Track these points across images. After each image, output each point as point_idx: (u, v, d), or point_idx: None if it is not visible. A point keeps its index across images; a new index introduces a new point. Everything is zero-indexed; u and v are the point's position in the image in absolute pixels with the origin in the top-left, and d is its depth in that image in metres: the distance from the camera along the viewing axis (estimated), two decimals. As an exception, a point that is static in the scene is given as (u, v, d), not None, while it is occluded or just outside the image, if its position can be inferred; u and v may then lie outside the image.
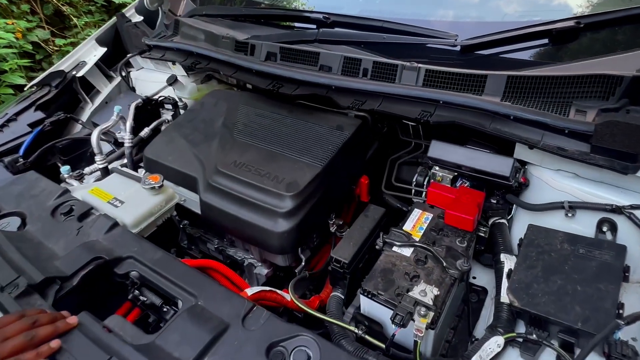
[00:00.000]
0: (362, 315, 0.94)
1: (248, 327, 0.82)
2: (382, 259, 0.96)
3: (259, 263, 1.26)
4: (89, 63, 1.90)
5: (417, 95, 1.12)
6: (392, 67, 1.19)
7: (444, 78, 1.12)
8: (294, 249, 1.12)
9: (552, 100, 1.01)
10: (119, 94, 1.97)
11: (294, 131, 1.31)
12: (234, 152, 1.26)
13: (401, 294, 0.86)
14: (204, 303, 0.87)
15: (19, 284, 0.89)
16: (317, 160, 1.18)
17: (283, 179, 1.13)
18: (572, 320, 0.81)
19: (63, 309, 0.91)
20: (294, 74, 1.32)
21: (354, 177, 1.32)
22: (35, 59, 3.78)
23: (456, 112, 1.09)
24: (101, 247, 1.03)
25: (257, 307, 0.86)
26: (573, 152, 0.95)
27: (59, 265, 0.97)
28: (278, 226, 1.07)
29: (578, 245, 0.94)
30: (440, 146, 1.13)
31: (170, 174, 1.29)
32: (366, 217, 1.13)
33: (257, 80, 1.44)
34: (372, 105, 1.21)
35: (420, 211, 1.09)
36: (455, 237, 1.00)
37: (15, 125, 1.61)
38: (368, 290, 0.89)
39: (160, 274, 0.96)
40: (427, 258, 0.95)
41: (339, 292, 1.06)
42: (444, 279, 0.90)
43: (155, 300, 0.95)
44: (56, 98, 1.79)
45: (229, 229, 1.19)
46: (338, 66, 1.28)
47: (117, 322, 0.86)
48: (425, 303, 0.81)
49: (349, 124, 1.31)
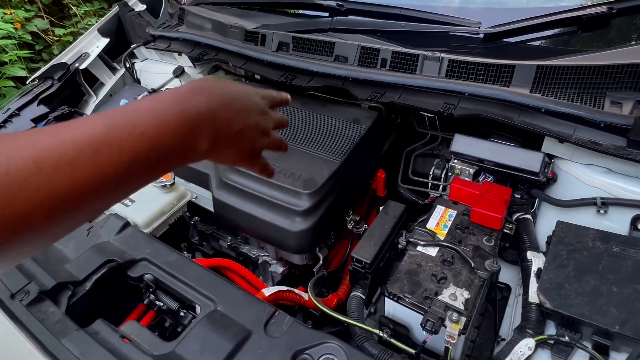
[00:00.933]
0: (386, 318, 0.91)
1: (271, 334, 0.79)
2: (406, 259, 0.93)
3: (274, 261, 1.23)
4: (91, 55, 1.84)
5: (441, 87, 1.06)
6: (412, 57, 1.13)
7: (468, 68, 1.06)
8: (311, 248, 1.08)
9: (584, 91, 0.96)
10: (123, 86, 1.91)
11: (308, 125, 1.26)
12: (246, 148, 1.21)
13: (429, 297, 0.83)
14: (224, 308, 0.84)
15: (29, 290, 0.85)
16: (335, 155, 1.13)
17: (300, 176, 1.09)
18: (608, 323, 0.77)
19: (76, 313, 0.88)
20: (308, 65, 1.26)
21: (371, 171, 1.28)
22: (35, 49, 3.71)
23: (482, 104, 1.04)
24: (113, 249, 0.99)
25: (280, 312, 0.83)
26: (608, 146, 0.90)
27: (71, 269, 0.94)
28: (295, 225, 1.03)
29: (611, 243, 0.90)
30: (464, 140, 1.08)
31: (181, 170, 1.25)
32: (386, 214, 1.09)
33: (269, 72, 1.38)
34: (392, 97, 1.15)
35: (444, 208, 1.05)
36: (482, 235, 0.96)
37: (18, 120, 1.56)
38: (394, 293, 0.85)
39: (175, 277, 0.92)
40: (454, 258, 0.91)
41: (359, 292, 1.03)
42: (473, 280, 0.86)
43: (172, 304, 0.91)
44: (59, 91, 1.73)
45: (243, 227, 1.15)
46: (354, 56, 1.22)
47: (134, 329, 0.83)
48: (456, 308, 0.77)
49: (365, 117, 1.26)
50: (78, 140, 0.38)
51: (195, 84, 0.50)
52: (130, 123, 0.42)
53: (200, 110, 0.48)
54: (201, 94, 0.50)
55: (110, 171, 0.39)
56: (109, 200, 0.43)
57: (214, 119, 0.50)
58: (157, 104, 0.46)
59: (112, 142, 0.40)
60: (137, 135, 0.42)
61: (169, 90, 0.49)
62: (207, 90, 0.51)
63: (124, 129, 0.41)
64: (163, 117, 0.45)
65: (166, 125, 0.45)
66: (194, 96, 0.49)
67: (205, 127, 0.49)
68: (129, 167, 0.41)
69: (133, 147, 0.41)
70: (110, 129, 0.40)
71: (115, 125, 0.41)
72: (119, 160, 0.40)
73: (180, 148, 0.46)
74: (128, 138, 0.41)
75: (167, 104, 0.46)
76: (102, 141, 0.39)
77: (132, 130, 0.42)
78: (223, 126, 0.52)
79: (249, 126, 0.56)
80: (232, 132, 0.53)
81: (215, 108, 0.50)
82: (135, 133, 0.42)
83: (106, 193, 0.40)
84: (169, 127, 0.45)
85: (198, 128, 0.48)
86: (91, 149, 0.38)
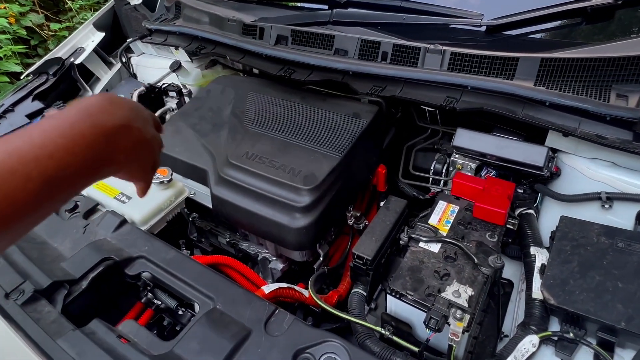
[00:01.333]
0: (388, 316, 0.90)
1: (271, 333, 0.77)
2: (408, 256, 0.91)
3: (273, 257, 1.21)
4: (87, 49, 1.81)
5: (443, 81, 1.04)
6: (414, 50, 1.11)
7: (471, 61, 1.04)
8: (312, 244, 1.07)
9: (589, 84, 0.94)
10: (119, 81, 1.89)
11: (307, 119, 1.24)
12: (245, 143, 1.19)
13: (432, 294, 0.81)
14: (223, 307, 0.82)
15: (24, 289, 0.84)
16: (335, 150, 1.11)
17: (299, 172, 1.07)
18: (614, 320, 0.76)
19: (72, 312, 0.86)
20: (307, 59, 1.24)
21: (371, 166, 1.26)
22: (30, 44, 3.66)
23: (484, 98, 1.02)
24: (110, 246, 0.98)
25: (280, 310, 0.82)
26: (614, 140, 0.89)
27: (66, 268, 0.92)
28: (295, 222, 1.02)
29: (616, 238, 0.88)
30: (467, 134, 1.07)
31: (178, 166, 1.23)
32: (387, 209, 1.08)
33: (267, 66, 1.36)
34: (393, 91, 1.13)
35: (446, 203, 1.03)
36: (485, 231, 0.95)
37: (12, 116, 1.54)
38: (396, 290, 0.84)
39: (173, 274, 0.91)
40: (457, 254, 0.90)
41: (360, 289, 1.01)
42: (477, 277, 0.85)
43: (170, 303, 0.90)
44: (54, 87, 1.71)
45: (242, 223, 1.14)
46: (355, 50, 1.20)
47: (131, 329, 0.81)
48: (460, 305, 0.76)
49: (365, 111, 1.24)
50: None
51: (98, 99, 0.49)
52: (35, 146, 0.40)
53: (116, 123, 0.48)
54: (117, 107, 0.49)
55: (20, 198, 0.38)
56: (26, 225, 0.41)
57: (130, 129, 0.50)
58: (64, 121, 0.44)
59: (16, 168, 0.38)
60: (44, 158, 0.40)
61: (73, 107, 0.47)
62: (119, 103, 0.50)
63: (30, 153, 0.39)
64: (75, 133, 0.43)
65: (79, 140, 0.43)
66: (109, 109, 0.48)
67: (123, 138, 0.49)
68: (40, 191, 0.39)
69: (42, 170, 0.39)
70: (12, 155, 0.38)
71: (18, 151, 0.39)
72: (27, 186, 0.38)
73: (94, 162, 0.45)
74: (34, 161, 0.39)
75: (78, 118, 0.45)
76: (5, 169, 0.37)
77: (38, 153, 0.40)
78: (137, 137, 0.51)
79: (154, 137, 0.56)
80: (144, 143, 0.53)
81: (131, 119, 0.50)
82: (43, 156, 0.40)
83: (21, 219, 0.39)
84: (82, 142, 0.43)
85: (115, 140, 0.48)
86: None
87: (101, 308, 0.97)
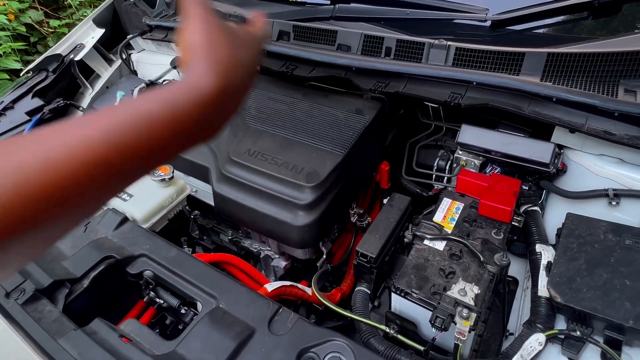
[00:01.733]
0: (393, 314, 0.89)
1: (275, 332, 0.76)
2: (413, 253, 0.90)
3: (276, 255, 1.20)
4: (86, 46, 1.80)
5: (448, 76, 1.03)
6: (418, 46, 1.10)
7: (476, 56, 1.03)
8: (315, 242, 1.06)
9: (597, 79, 0.93)
10: (120, 78, 1.87)
11: (310, 116, 1.23)
12: (247, 140, 1.18)
13: (438, 292, 0.80)
14: (226, 306, 0.82)
15: (25, 288, 0.83)
16: (338, 147, 1.10)
17: (302, 169, 1.06)
18: (622, 318, 0.75)
19: (74, 311, 0.85)
20: (309, 55, 1.22)
21: (374, 163, 1.25)
22: (29, 41, 3.65)
23: (490, 93, 1.01)
24: (111, 244, 0.97)
25: (284, 309, 0.81)
26: (622, 136, 0.87)
27: (68, 266, 0.91)
28: (298, 219, 1.01)
29: (624, 235, 0.87)
30: (471, 131, 1.05)
31: (180, 164, 1.22)
32: (391, 207, 1.06)
33: (269, 62, 1.34)
34: (397, 87, 1.12)
35: (450, 200, 1.02)
36: (491, 228, 0.94)
37: (12, 113, 1.52)
38: (401, 288, 0.83)
39: (176, 273, 0.90)
40: (462, 252, 0.89)
41: (364, 287, 1.01)
42: (482, 274, 0.84)
43: (172, 301, 0.89)
44: (54, 84, 1.69)
45: (244, 221, 1.13)
46: (358, 45, 1.19)
47: (133, 328, 0.81)
48: (466, 303, 0.75)
49: (369, 107, 1.23)
50: None
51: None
52: None
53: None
54: None
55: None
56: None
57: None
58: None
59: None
60: None
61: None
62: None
63: None
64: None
65: None
66: None
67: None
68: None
69: None
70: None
71: None
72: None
73: None
74: None
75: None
76: None
77: None
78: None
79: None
80: None
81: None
82: None
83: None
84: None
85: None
86: None
87: (103, 307, 0.96)
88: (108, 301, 0.97)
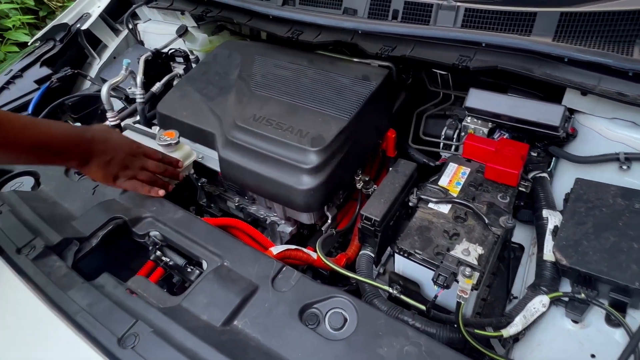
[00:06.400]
0: (396, 275, 0.89)
1: (278, 289, 0.77)
2: (417, 216, 0.90)
3: (282, 221, 1.21)
4: (93, 15, 1.79)
5: (457, 38, 1.00)
6: (426, 7, 1.07)
7: (486, 17, 1.00)
8: (320, 206, 1.06)
9: (611, 39, 0.89)
10: (127, 47, 1.87)
11: (315, 82, 1.21)
12: (252, 106, 1.17)
13: (441, 253, 0.80)
14: (230, 264, 0.83)
15: (35, 245, 0.85)
16: (343, 112, 1.09)
17: (307, 133, 1.05)
18: (628, 280, 0.74)
19: (83, 270, 0.88)
20: (315, 19, 1.20)
21: (380, 130, 1.23)
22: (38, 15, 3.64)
23: (499, 56, 0.98)
24: (119, 206, 0.98)
25: (287, 268, 0.82)
26: (636, 97, 0.85)
27: (77, 226, 0.93)
28: (303, 183, 1.01)
29: (634, 199, 0.86)
30: (480, 95, 1.03)
31: (186, 130, 1.22)
32: (396, 172, 1.06)
33: (275, 28, 1.32)
34: (404, 51, 1.09)
35: (457, 165, 1.01)
36: (497, 192, 0.93)
37: (21, 82, 1.53)
38: (404, 249, 0.83)
39: (182, 233, 0.91)
40: (467, 215, 0.88)
41: (368, 250, 1.01)
42: (487, 236, 0.83)
43: (179, 260, 0.90)
44: (62, 53, 1.69)
45: (250, 186, 1.13)
46: (364, 8, 1.16)
47: (140, 284, 0.82)
48: (469, 263, 0.75)
49: (375, 74, 1.21)
50: None
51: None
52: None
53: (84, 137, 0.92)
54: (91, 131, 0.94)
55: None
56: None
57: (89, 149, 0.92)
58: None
59: None
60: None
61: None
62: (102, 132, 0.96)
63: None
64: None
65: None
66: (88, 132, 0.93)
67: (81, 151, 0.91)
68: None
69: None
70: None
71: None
72: None
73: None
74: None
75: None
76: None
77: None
78: (95, 154, 0.92)
79: (115, 159, 0.95)
80: (100, 160, 0.93)
81: (95, 140, 0.93)
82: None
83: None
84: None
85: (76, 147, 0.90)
86: None
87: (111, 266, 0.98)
88: (116, 261, 0.99)
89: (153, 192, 0.99)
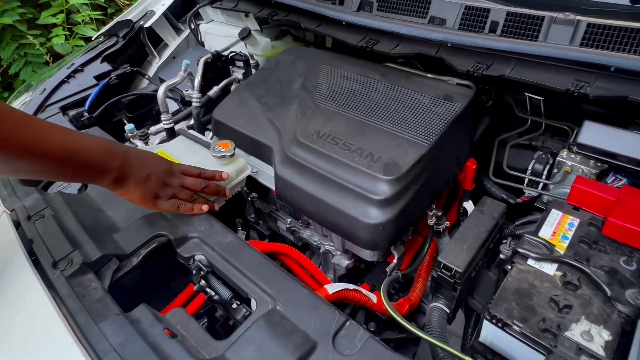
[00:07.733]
0: (482, 345, 0.72)
1: (341, 350, 0.63)
2: (514, 275, 0.73)
3: (338, 252, 1.07)
4: (157, 13, 1.75)
5: (575, 59, 0.82)
6: (534, 20, 0.90)
7: (615, 35, 0.82)
8: (387, 245, 0.91)
9: None
10: (187, 48, 1.82)
11: (389, 99, 1.07)
12: (316, 120, 1.05)
13: (550, 330, 0.63)
14: (284, 309, 0.70)
15: (73, 259, 0.76)
16: (422, 136, 0.94)
17: (379, 158, 0.91)
18: None
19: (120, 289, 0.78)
20: (395, 27, 1.06)
21: (461, 159, 1.07)
22: (107, 12, 3.76)
23: (631, 84, 0.79)
24: (164, 221, 0.88)
25: (351, 323, 0.67)
26: None
27: (118, 240, 0.84)
28: (371, 217, 0.86)
29: None
30: (598, 129, 0.85)
31: (241, 140, 1.11)
32: (482, 213, 0.89)
33: (347, 35, 1.20)
34: (502, 70, 0.93)
35: (561, 213, 0.83)
36: (619, 255, 0.74)
37: (81, 76, 1.51)
38: (499, 317, 0.66)
39: (230, 262, 0.79)
40: (581, 281, 0.70)
41: (441, 304, 0.85)
42: (610, 315, 0.65)
43: (224, 293, 0.79)
44: (123, 49, 1.67)
45: (307, 210, 1.00)
46: (455, 18, 1.01)
47: (180, 319, 0.71)
48: (594, 353, 0.57)
49: (459, 94, 1.05)
50: None
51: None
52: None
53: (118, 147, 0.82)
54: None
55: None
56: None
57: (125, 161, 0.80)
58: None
59: None
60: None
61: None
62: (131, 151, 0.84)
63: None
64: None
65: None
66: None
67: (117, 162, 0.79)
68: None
69: None
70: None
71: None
72: None
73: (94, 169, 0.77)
74: None
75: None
76: None
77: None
78: (132, 168, 0.81)
79: (154, 175, 0.83)
80: (138, 176, 0.82)
81: (129, 152, 0.83)
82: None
83: None
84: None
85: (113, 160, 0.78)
86: None
87: (150, 286, 0.89)
88: (156, 280, 0.90)
89: (196, 209, 0.89)
